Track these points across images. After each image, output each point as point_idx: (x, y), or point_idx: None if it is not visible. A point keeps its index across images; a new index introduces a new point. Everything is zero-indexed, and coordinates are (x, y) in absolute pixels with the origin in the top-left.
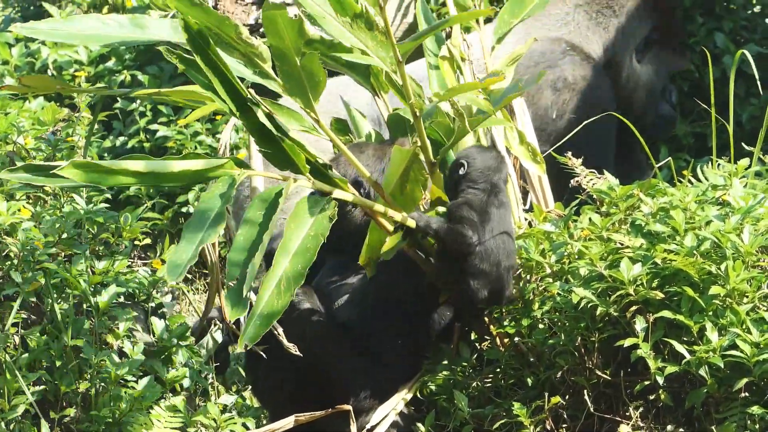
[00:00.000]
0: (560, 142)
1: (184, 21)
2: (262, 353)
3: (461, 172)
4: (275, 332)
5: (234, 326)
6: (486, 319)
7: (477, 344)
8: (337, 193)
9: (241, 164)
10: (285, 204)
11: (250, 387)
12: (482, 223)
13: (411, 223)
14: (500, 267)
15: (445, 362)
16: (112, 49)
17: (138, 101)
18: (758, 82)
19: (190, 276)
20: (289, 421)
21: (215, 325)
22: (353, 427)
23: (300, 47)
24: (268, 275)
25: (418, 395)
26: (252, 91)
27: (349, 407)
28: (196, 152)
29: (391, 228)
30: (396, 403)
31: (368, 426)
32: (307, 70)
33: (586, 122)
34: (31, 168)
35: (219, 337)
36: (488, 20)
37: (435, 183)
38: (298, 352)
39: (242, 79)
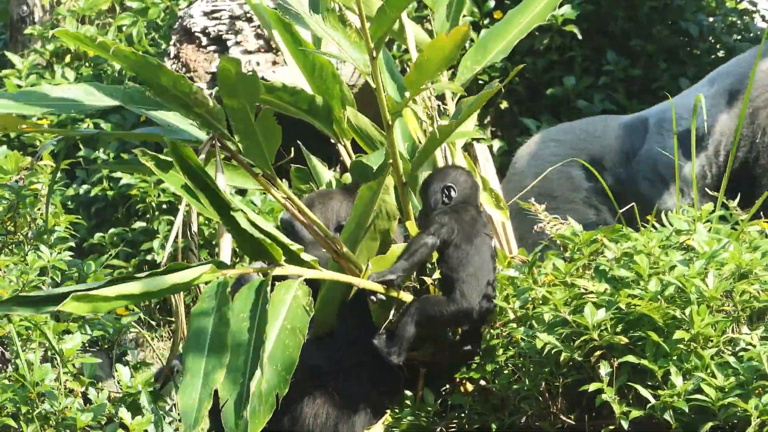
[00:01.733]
0: None
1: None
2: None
3: (453, 194)
4: None
5: None
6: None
7: (441, 390)
8: (309, 273)
9: (221, 265)
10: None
11: None
12: (471, 237)
13: (377, 286)
14: (489, 282)
15: (409, 408)
16: None
17: (101, 150)
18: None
19: (154, 323)
20: None
21: (179, 372)
22: None
23: (254, 104)
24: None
25: None
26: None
27: None
28: (182, 263)
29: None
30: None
31: None
32: (262, 127)
33: None
34: (19, 300)
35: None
36: (451, 66)
37: (403, 203)
38: None
39: (199, 141)
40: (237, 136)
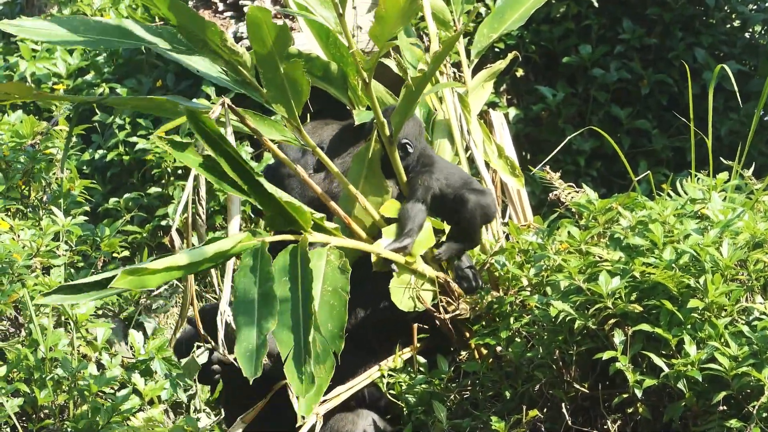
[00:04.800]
0: None
1: (194, 120)
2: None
3: (409, 150)
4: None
5: (210, 338)
6: (467, 332)
7: (455, 357)
8: (335, 241)
9: (255, 234)
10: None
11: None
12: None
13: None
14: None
15: (423, 375)
16: (91, 62)
17: (117, 114)
18: (738, 97)
19: (165, 291)
20: (238, 425)
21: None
22: (293, 397)
23: (284, 54)
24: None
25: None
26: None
27: (285, 381)
28: (219, 235)
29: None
30: (350, 386)
31: (322, 399)
32: (290, 77)
33: None
34: (64, 289)
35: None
36: (467, 34)
37: (393, 161)
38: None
39: (226, 90)
40: (264, 84)
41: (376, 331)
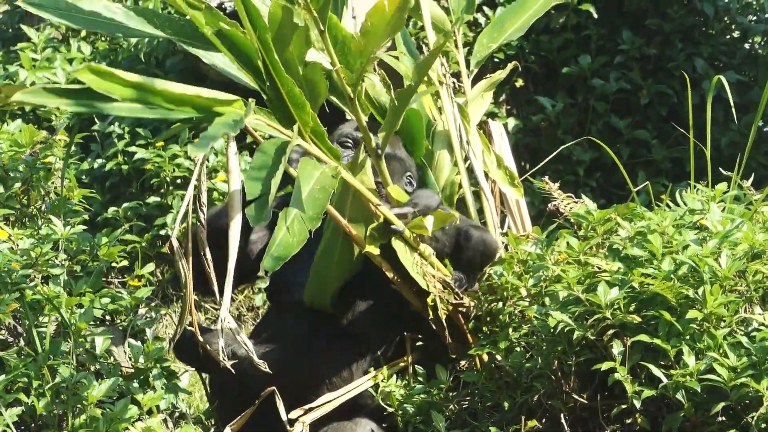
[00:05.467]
0: None
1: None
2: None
3: (414, 183)
4: (245, 348)
5: (205, 345)
6: (468, 335)
7: (456, 365)
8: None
9: (245, 105)
10: None
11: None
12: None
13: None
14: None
15: (422, 385)
16: None
17: (116, 124)
18: (733, 108)
19: (165, 298)
20: None
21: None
22: (280, 405)
23: (303, 56)
24: (280, 221)
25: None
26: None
27: (272, 388)
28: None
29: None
30: (339, 394)
31: (308, 406)
32: (308, 79)
33: None
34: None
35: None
36: (467, 44)
37: (381, 175)
38: (267, 369)
39: (246, 88)
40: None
41: (376, 324)
